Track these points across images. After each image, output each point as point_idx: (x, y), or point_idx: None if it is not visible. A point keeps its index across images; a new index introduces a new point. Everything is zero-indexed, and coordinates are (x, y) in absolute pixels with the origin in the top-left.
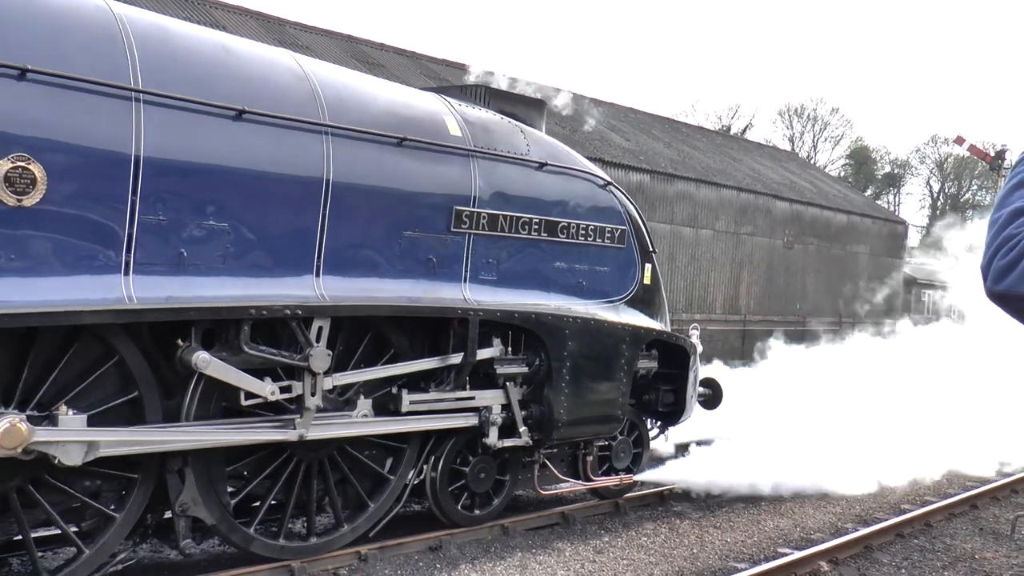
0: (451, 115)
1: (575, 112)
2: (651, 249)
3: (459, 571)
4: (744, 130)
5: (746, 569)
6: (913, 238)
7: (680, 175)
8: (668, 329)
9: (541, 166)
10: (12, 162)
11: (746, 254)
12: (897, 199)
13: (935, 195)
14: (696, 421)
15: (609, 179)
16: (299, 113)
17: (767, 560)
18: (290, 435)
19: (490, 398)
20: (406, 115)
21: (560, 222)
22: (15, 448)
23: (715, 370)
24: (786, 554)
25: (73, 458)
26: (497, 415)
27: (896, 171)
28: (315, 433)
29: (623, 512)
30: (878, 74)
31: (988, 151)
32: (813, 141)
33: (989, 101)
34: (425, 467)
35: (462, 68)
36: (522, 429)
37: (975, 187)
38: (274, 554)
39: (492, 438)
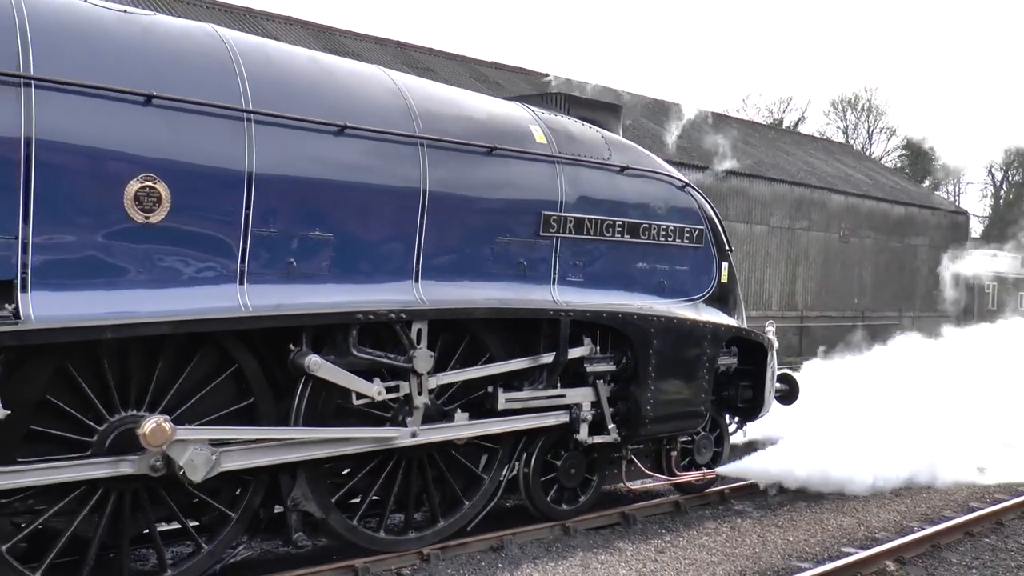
0: (536, 123)
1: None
2: (728, 248)
3: (521, 571)
4: (796, 123)
5: (809, 569)
6: (976, 228)
7: (733, 171)
8: (745, 326)
9: (622, 170)
10: (140, 182)
11: (801, 249)
12: (957, 189)
13: (998, 184)
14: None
15: (687, 180)
16: (395, 127)
17: (831, 559)
18: (404, 432)
19: (580, 396)
20: (495, 125)
21: (642, 224)
22: (160, 445)
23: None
24: (850, 553)
25: (199, 474)
26: (587, 412)
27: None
28: (426, 436)
29: (684, 511)
30: (934, 62)
31: None
32: (868, 132)
33: None
34: (517, 464)
35: (512, 70)
36: (611, 426)
37: None
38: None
39: (583, 434)
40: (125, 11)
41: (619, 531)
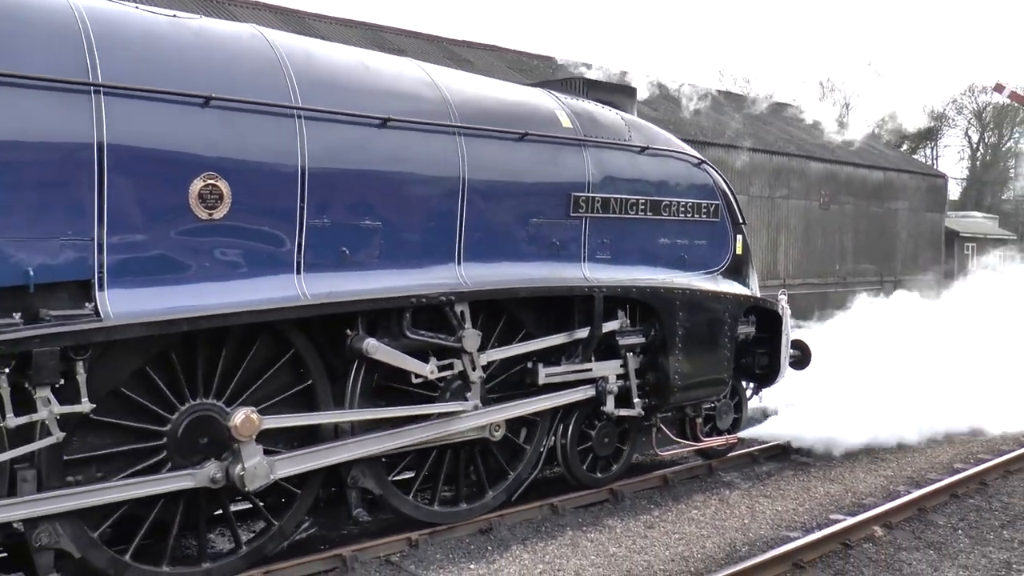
0: (561, 108)
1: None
2: (742, 221)
3: (511, 552)
4: (771, 94)
5: (799, 538)
6: (954, 191)
7: (711, 142)
8: (759, 295)
9: (643, 150)
10: (204, 181)
11: (782, 218)
12: (935, 152)
13: (975, 146)
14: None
15: (702, 158)
16: (433, 118)
17: (820, 528)
18: (466, 406)
19: (608, 369)
20: (524, 112)
21: (663, 201)
22: (250, 436)
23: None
24: (839, 520)
25: (257, 483)
26: (613, 384)
27: (933, 124)
28: (484, 417)
29: (672, 486)
30: (909, 24)
31: None
32: (844, 99)
33: None
34: (554, 437)
35: (482, 48)
36: (636, 400)
37: (1016, 135)
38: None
39: (609, 406)
40: (175, 15)
41: (608, 508)
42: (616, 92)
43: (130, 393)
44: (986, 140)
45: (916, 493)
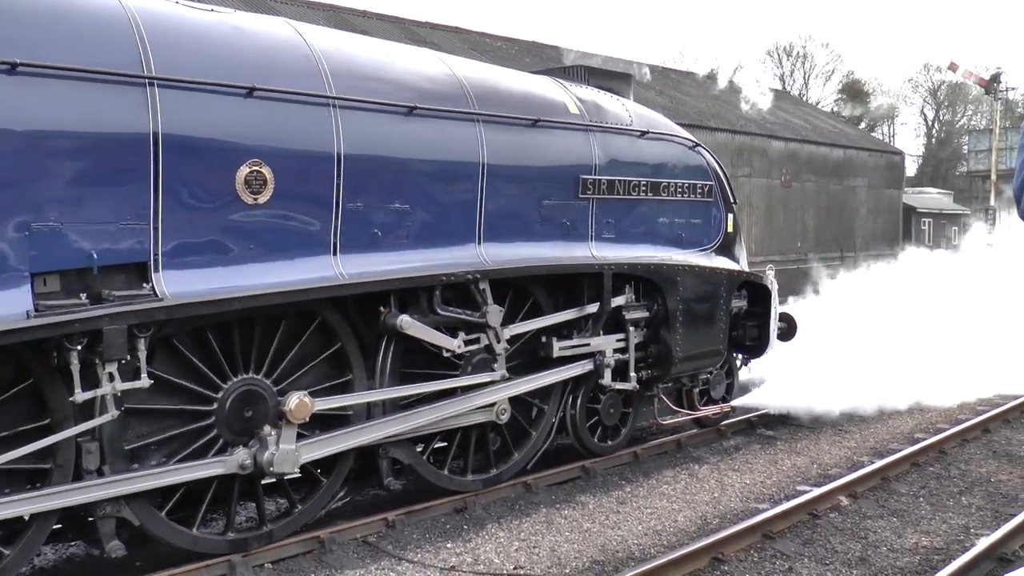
0: (568, 95)
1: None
2: (733, 200)
3: (486, 530)
4: (734, 72)
5: (768, 509)
6: (910, 168)
7: (675, 122)
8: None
9: (643, 134)
10: (249, 167)
11: (744, 196)
12: (892, 130)
13: (930, 123)
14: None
15: (697, 140)
16: (454, 106)
17: (787, 499)
18: (496, 376)
19: (610, 342)
20: (535, 99)
21: (662, 182)
22: (304, 418)
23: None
24: (806, 491)
25: (285, 469)
26: (611, 358)
27: (890, 102)
28: (510, 389)
29: (642, 461)
30: (866, 5)
31: (982, 75)
32: (804, 78)
33: (980, 24)
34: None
35: (447, 29)
36: (632, 374)
37: (970, 112)
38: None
39: (607, 379)
40: (213, 10)
41: (580, 485)
42: (614, 79)
43: (166, 374)
44: (941, 118)
45: (879, 463)
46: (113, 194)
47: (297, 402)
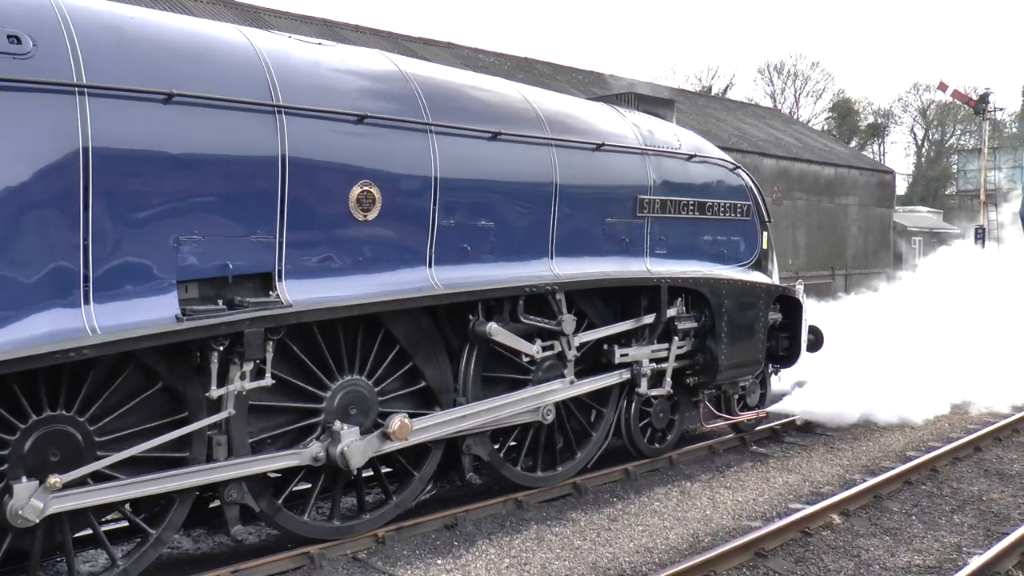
0: (626, 121)
1: None
2: (767, 219)
3: (477, 547)
4: (725, 90)
5: (760, 527)
6: (900, 186)
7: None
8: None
9: (690, 157)
10: (361, 187)
11: None
12: (882, 149)
13: (920, 142)
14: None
15: (736, 163)
16: (532, 131)
17: (780, 517)
18: (565, 382)
19: (642, 354)
20: (598, 125)
21: (707, 202)
22: (405, 438)
23: None
24: (798, 509)
25: (357, 462)
26: (647, 368)
27: (880, 121)
28: (576, 389)
29: (633, 479)
30: (856, 25)
31: (971, 95)
32: (795, 97)
33: (969, 45)
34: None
35: (440, 45)
36: (667, 379)
37: (959, 132)
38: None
39: (643, 388)
40: (320, 43)
41: (571, 502)
42: (660, 104)
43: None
44: (930, 137)
45: (871, 481)
46: (246, 211)
47: (399, 424)
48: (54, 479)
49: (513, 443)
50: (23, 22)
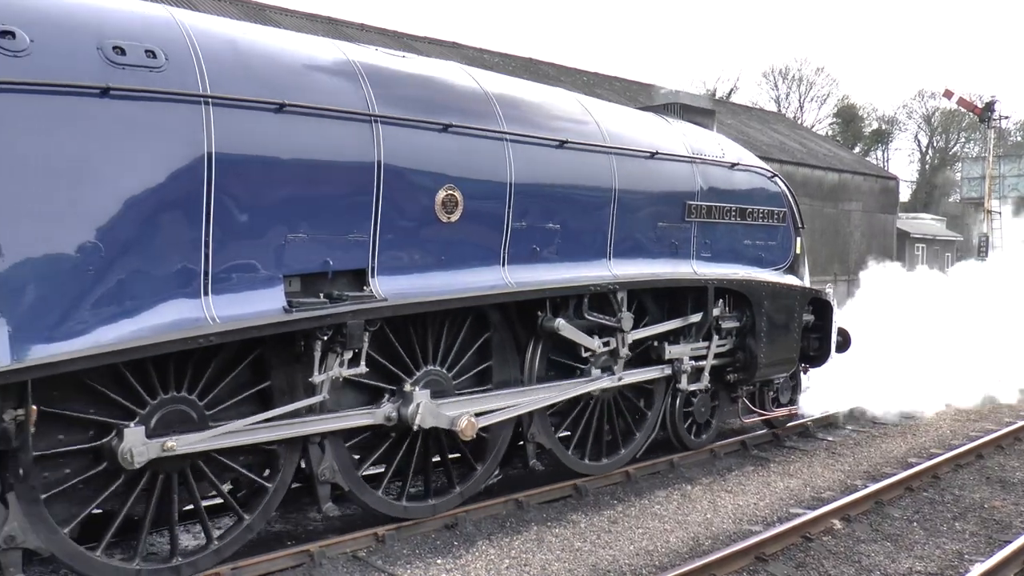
0: (675, 131)
1: None
2: (801, 225)
3: (477, 547)
4: (729, 94)
5: (761, 531)
6: (904, 193)
7: None
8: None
9: (733, 165)
10: (446, 191)
11: None
12: (886, 155)
13: (924, 149)
14: None
15: (774, 171)
16: (593, 140)
17: (781, 521)
18: (614, 379)
19: (700, 350)
20: (651, 134)
21: (747, 208)
22: (471, 435)
23: None
24: (799, 514)
25: (427, 423)
26: (687, 364)
27: (884, 127)
28: (628, 378)
29: (634, 481)
30: (862, 31)
31: (976, 103)
32: (799, 102)
33: (975, 52)
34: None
35: (445, 44)
36: (706, 374)
37: (963, 139)
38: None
39: (683, 384)
40: (404, 56)
41: (571, 503)
42: (701, 114)
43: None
44: (935, 144)
45: (873, 487)
46: (345, 212)
47: (467, 423)
48: (170, 442)
49: (566, 432)
50: (156, 38)
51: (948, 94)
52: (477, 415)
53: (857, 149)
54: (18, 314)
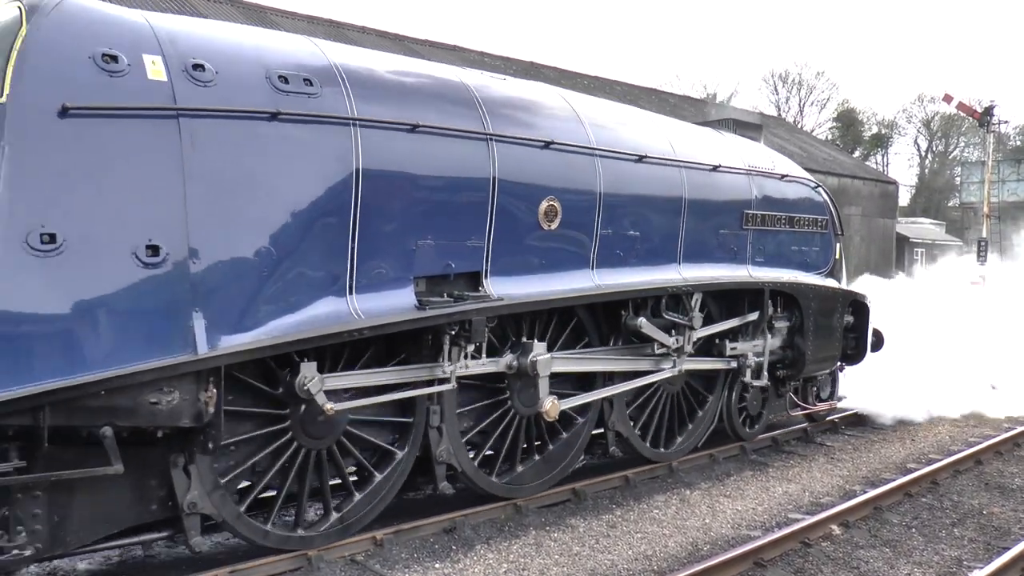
0: (733, 145)
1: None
2: (840, 232)
3: (475, 552)
4: (730, 98)
5: (760, 537)
6: (903, 197)
7: None
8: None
9: (782, 177)
10: (547, 202)
11: None
12: (886, 159)
13: (923, 154)
14: None
15: (818, 182)
16: (666, 155)
17: (779, 527)
18: (676, 370)
19: (751, 348)
20: (713, 148)
21: (795, 216)
22: (555, 416)
23: None
24: (798, 519)
25: (544, 371)
26: (752, 360)
27: (883, 132)
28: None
29: (633, 485)
30: (862, 35)
31: (975, 108)
32: (799, 106)
33: (975, 57)
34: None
35: (447, 48)
36: (764, 372)
37: (962, 144)
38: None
39: (748, 377)
40: (504, 79)
41: (570, 508)
42: (752, 129)
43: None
44: (934, 148)
45: (871, 493)
46: (465, 220)
47: (550, 404)
48: (329, 406)
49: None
50: (308, 68)
51: (948, 98)
52: (561, 398)
53: (857, 153)
54: (211, 310)
